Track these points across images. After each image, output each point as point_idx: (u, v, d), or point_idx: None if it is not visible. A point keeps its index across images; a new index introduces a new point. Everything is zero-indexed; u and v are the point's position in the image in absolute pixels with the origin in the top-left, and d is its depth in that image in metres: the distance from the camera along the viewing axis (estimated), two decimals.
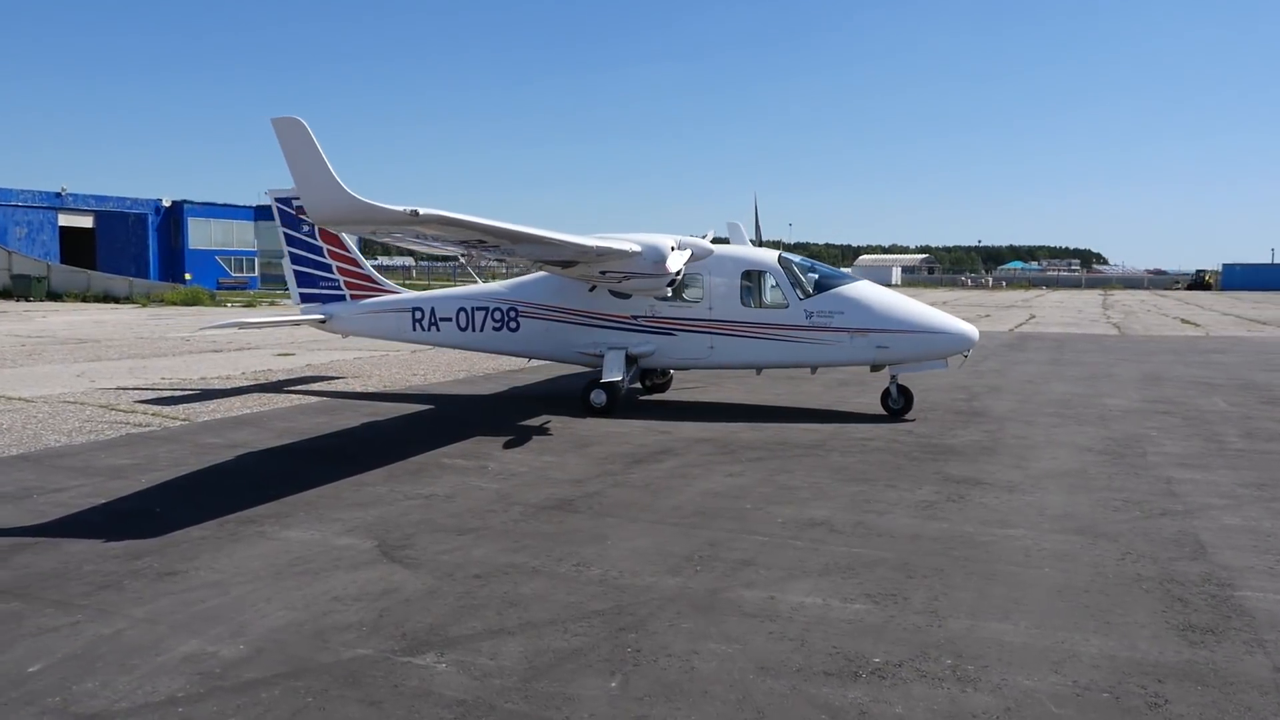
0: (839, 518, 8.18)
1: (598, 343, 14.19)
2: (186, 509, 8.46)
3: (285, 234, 16.88)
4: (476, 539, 7.57)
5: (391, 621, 5.80)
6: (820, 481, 9.55)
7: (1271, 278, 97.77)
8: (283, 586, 6.44)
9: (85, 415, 13.47)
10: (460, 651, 5.35)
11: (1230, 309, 51.71)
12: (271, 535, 7.65)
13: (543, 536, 7.62)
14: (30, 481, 9.47)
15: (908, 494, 9.04)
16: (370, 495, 8.99)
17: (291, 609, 6.02)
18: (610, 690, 4.88)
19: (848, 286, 13.54)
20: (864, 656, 5.31)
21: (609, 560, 7.01)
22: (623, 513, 8.36)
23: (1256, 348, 25.98)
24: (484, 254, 12.15)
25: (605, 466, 10.28)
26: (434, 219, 7.94)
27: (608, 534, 7.69)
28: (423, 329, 15.64)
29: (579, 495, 8.98)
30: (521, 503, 8.72)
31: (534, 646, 5.43)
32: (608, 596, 6.26)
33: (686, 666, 5.16)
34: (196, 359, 21.65)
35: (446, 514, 8.32)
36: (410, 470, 10.07)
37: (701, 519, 8.15)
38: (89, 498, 8.84)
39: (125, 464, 10.32)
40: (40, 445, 11.32)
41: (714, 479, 9.69)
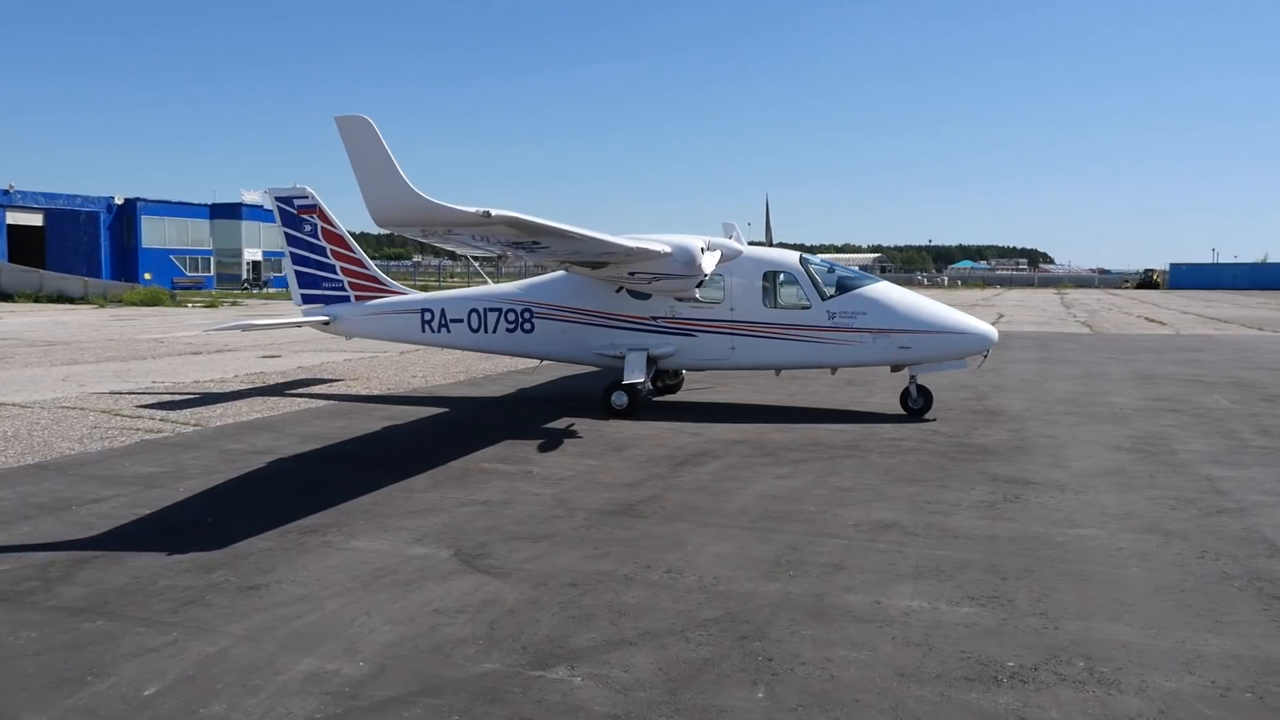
0: (907, 520, 8.18)
1: (617, 344, 14.07)
2: (240, 519, 8.20)
3: (286, 234, 16.48)
4: (554, 546, 7.43)
5: (505, 634, 5.66)
6: (871, 483, 9.55)
7: (1216, 277, 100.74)
8: (377, 600, 6.25)
9: (91, 421, 13.02)
10: (590, 664, 5.23)
11: (1187, 307, 53.12)
12: (340, 545, 7.44)
13: (620, 543, 7.51)
14: (63, 491, 9.11)
15: (963, 495, 9.08)
16: (424, 502, 8.79)
17: (396, 623, 5.84)
18: (760, 700, 4.81)
19: (869, 287, 13.60)
20: (996, 661, 5.29)
21: (698, 566, 6.93)
22: (689, 517, 8.27)
23: (1232, 346, 26.67)
24: (520, 254, 11.92)
25: (650, 470, 10.19)
26: (504, 220, 7.77)
27: (684, 539, 7.60)
28: (432, 330, 15.38)
29: (638, 500, 8.87)
30: (583, 508, 8.59)
31: (663, 657, 5.33)
32: (714, 604, 6.17)
33: (826, 675, 5.10)
34: (180, 361, 21.09)
35: (511, 520, 8.16)
36: (453, 475, 9.88)
37: (771, 523, 8.10)
38: (132, 508, 8.52)
39: (155, 472, 9.98)
40: (56, 453, 10.91)
41: (765, 482, 9.64)
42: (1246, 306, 55.03)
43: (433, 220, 7.73)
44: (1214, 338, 29.59)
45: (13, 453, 10.91)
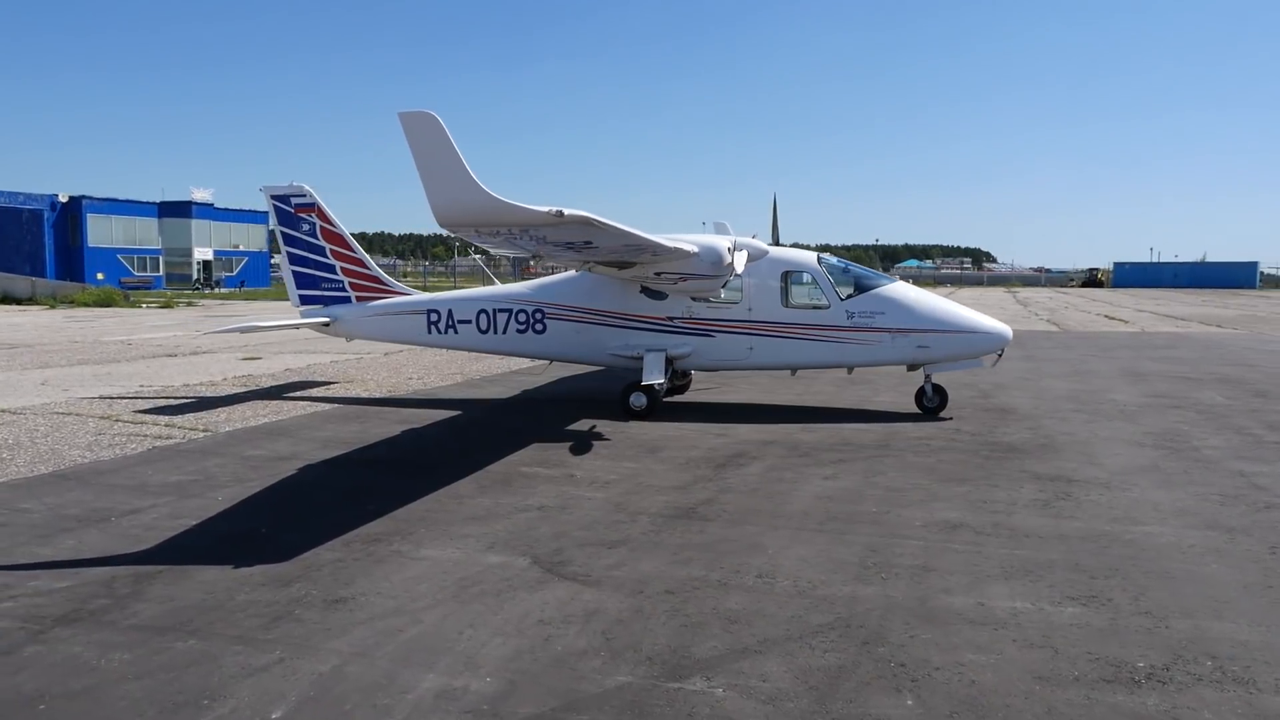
0: (972, 519, 8.19)
1: (634, 344, 13.94)
2: (294, 529, 7.92)
3: (283, 233, 16.05)
4: (631, 553, 7.29)
5: (624, 645, 5.51)
6: (920, 483, 9.56)
7: (1157, 275, 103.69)
8: (474, 611, 6.05)
9: (92, 428, 12.51)
10: (725, 674, 5.11)
11: (1140, 305, 54.54)
12: (411, 555, 7.21)
13: (697, 548, 7.39)
14: (94, 502, 8.71)
15: (1014, 493, 9.13)
16: (478, 508, 8.58)
17: (505, 635, 5.66)
18: (912, 708, 4.74)
19: (887, 287, 13.65)
20: (1125, 662, 5.29)
21: (786, 570, 6.84)
22: (754, 520, 8.19)
23: (1202, 344, 27.38)
24: (566, 255, 11.65)
25: (693, 472, 10.08)
26: (577, 219, 7.59)
27: (759, 543, 7.51)
28: (439, 331, 15.10)
29: (695, 503, 8.76)
30: (643, 512, 8.45)
31: (795, 665, 5.23)
32: (820, 609, 6.09)
33: (965, 680, 5.05)
34: (158, 364, 20.44)
35: (576, 526, 8.00)
36: (496, 480, 9.67)
37: (839, 524, 8.05)
38: (175, 519, 8.18)
39: (183, 480, 9.61)
40: (68, 461, 10.45)
41: (813, 483, 9.60)
42: (1195, 304, 56.70)
43: (502, 220, 7.51)
44: (1182, 335, 30.36)
45: (22, 461, 10.43)
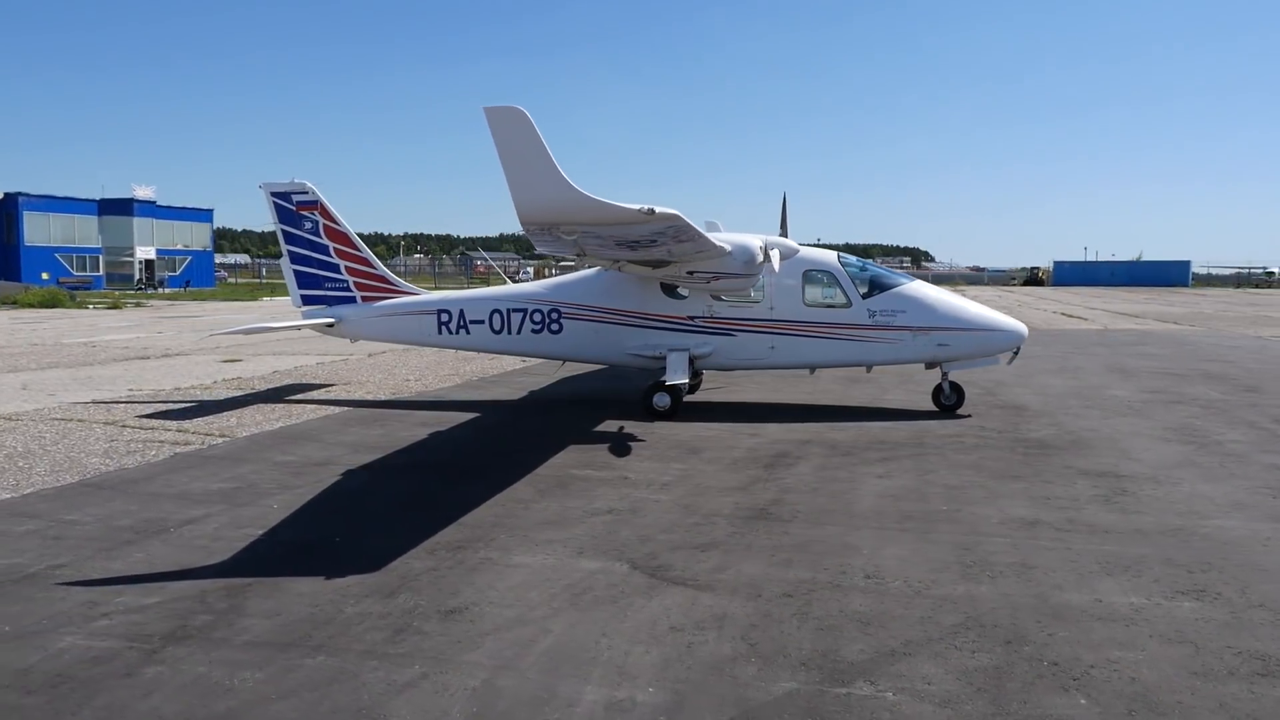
0: (1045, 516, 8.27)
1: (655, 344, 13.84)
2: (367, 537, 7.69)
3: (284, 231, 15.58)
4: (726, 555, 7.20)
5: (771, 650, 5.42)
6: (974, 480, 9.63)
7: (1095, 274, 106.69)
8: (599, 618, 5.91)
9: (101, 434, 12.00)
10: (886, 678, 5.06)
11: (1089, 304, 56.03)
12: (503, 561, 7.03)
13: (792, 549, 7.33)
14: (142, 512, 8.33)
15: (1071, 489, 9.24)
16: (547, 512, 8.40)
17: (644, 643, 5.53)
18: (1086, 707, 4.73)
19: (907, 285, 13.76)
20: (1268, 654, 5.37)
21: (891, 570, 6.82)
22: (831, 520, 8.16)
23: (1170, 340, 28.20)
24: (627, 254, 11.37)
25: (744, 472, 10.02)
26: (666, 217, 7.45)
27: (850, 543, 7.48)
28: (449, 332, 14.81)
29: (764, 504, 8.70)
30: (717, 514, 8.36)
31: (950, 667, 5.20)
32: (945, 609, 6.07)
33: (1126, 677, 5.07)
34: (136, 367, 19.72)
35: (657, 529, 7.88)
36: (552, 484, 9.49)
37: (919, 523, 8.06)
38: (238, 528, 7.86)
39: (225, 488, 9.25)
40: (92, 470, 10.00)
41: (869, 482, 9.61)
42: (1141, 302, 58.47)
43: (590, 217, 7.33)
44: (1146, 333, 31.21)
45: (42, 471, 9.95)
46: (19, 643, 5.52)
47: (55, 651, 5.40)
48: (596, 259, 11.50)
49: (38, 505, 8.60)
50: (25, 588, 6.44)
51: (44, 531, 7.78)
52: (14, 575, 6.69)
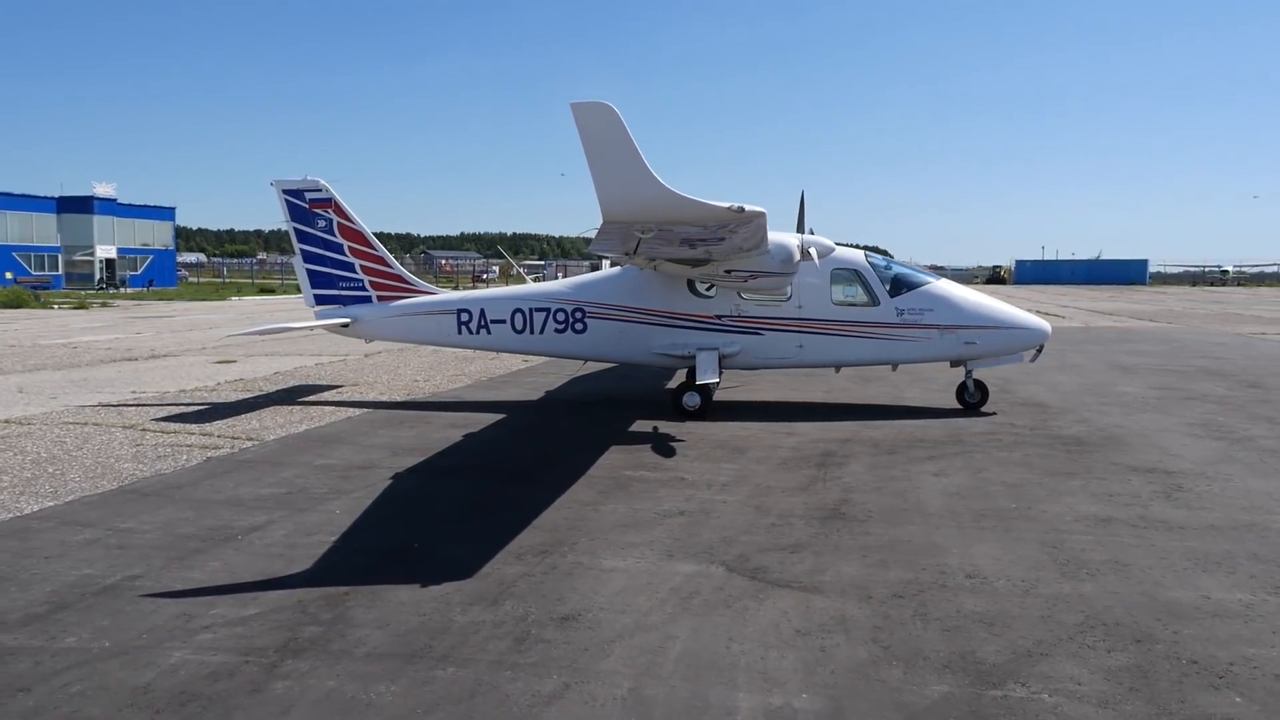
0: (1114, 513, 8.31)
1: (681, 344, 13.75)
2: (446, 543, 7.52)
3: (296, 230, 15.23)
4: (818, 556, 7.13)
5: (906, 652, 5.36)
6: (1029, 478, 9.66)
7: (1056, 272, 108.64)
8: (719, 623, 5.81)
9: (123, 439, 11.63)
10: (1036, 679, 5.02)
11: (1057, 301, 56.96)
12: (595, 566, 6.89)
13: (881, 549, 7.28)
14: (200, 520, 8.06)
15: (1127, 486, 9.31)
16: (618, 515, 8.27)
17: (774, 647, 5.44)
18: (1243, 705, 4.73)
19: (934, 284, 13.81)
20: None
21: (989, 569, 6.79)
22: (909, 519, 8.12)
23: (1152, 338, 28.72)
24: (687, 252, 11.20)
25: (799, 472, 9.96)
26: (754, 215, 7.35)
27: (937, 542, 7.45)
28: (470, 332, 14.59)
29: (833, 504, 8.65)
30: (790, 515, 8.29)
31: (1093, 666, 5.18)
32: (1061, 607, 6.05)
33: (1269, 674, 5.09)
34: (131, 369, 19.19)
35: (737, 530, 7.79)
36: (609, 486, 9.36)
37: (996, 521, 8.05)
38: (309, 534, 7.63)
39: (277, 493, 9.00)
40: (128, 476, 9.68)
41: (926, 480, 9.60)
42: (1105, 300, 59.56)
43: (677, 215, 7.20)
44: (1127, 330, 31.75)
45: (76, 477, 9.60)
46: (126, 659, 5.29)
47: (169, 668, 5.17)
48: (648, 257, 11.35)
49: (86, 513, 8.29)
50: (109, 600, 6.19)
51: (104, 540, 7.49)
52: (91, 587, 6.43)
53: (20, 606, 6.07)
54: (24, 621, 5.82)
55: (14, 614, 5.94)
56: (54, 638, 5.57)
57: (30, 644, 5.48)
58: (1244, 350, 23.90)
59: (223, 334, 28.75)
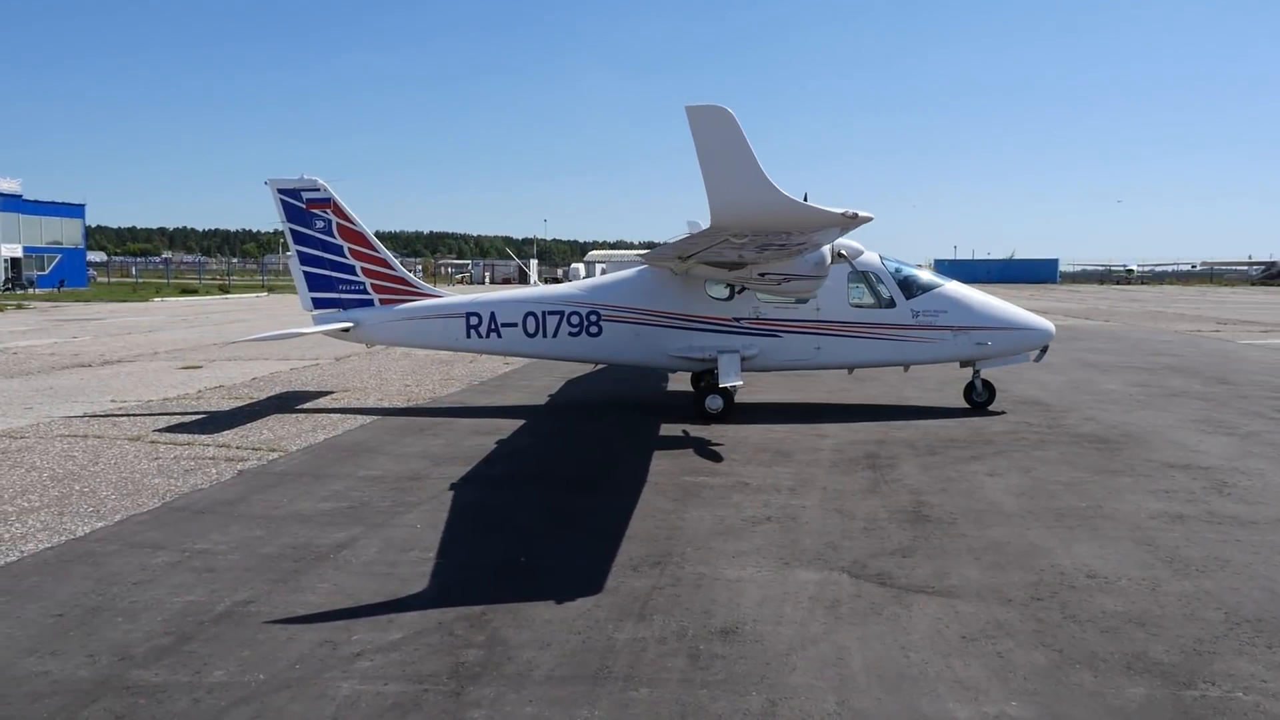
0: (1181, 509, 8.57)
1: (702, 346, 13.71)
2: (549, 556, 7.34)
3: (293, 230, 14.65)
4: (933, 560, 7.16)
5: (1080, 655, 5.42)
6: (1080, 476, 9.90)
7: (972, 272, 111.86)
8: (879, 631, 5.78)
9: (135, 451, 11.03)
10: (1219, 679, 5.12)
11: None
12: (720, 576, 6.79)
13: (987, 551, 7.36)
14: (276, 538, 7.68)
15: (1175, 482, 9.61)
16: (706, 523, 8.17)
17: (951, 654, 5.44)
18: None
19: (947, 285, 14.07)
20: None
21: (1101, 569, 6.92)
22: (990, 521, 8.23)
23: (1101, 335, 29.85)
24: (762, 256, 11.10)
25: (854, 474, 10.00)
26: (863, 220, 7.33)
27: (1036, 543, 7.56)
28: (479, 336, 14.28)
29: (908, 506, 8.71)
30: (875, 518, 8.31)
31: (1266, 663, 5.32)
32: (1200, 604, 6.20)
33: None
34: (93, 376, 18.21)
35: (836, 536, 7.78)
36: (679, 492, 9.24)
37: (1078, 520, 8.21)
38: (401, 551, 7.34)
39: (338, 508, 8.64)
40: (165, 493, 9.17)
41: (982, 479, 9.76)
42: (1026, 299, 61.60)
43: (791, 221, 7.12)
44: (1076, 328, 32.78)
45: (110, 495, 9.05)
46: (292, 693, 4.98)
47: (345, 700, 4.90)
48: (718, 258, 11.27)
49: (147, 534, 7.81)
50: (233, 628, 5.83)
51: (186, 563, 7.07)
52: (205, 615, 6.05)
53: (140, 639, 5.67)
54: (155, 655, 5.44)
55: (138, 647, 5.55)
56: (198, 672, 5.22)
57: (177, 679, 5.12)
58: (1193, 348, 25.03)
59: (167, 336, 27.59)
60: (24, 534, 7.77)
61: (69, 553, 7.30)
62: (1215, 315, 40.77)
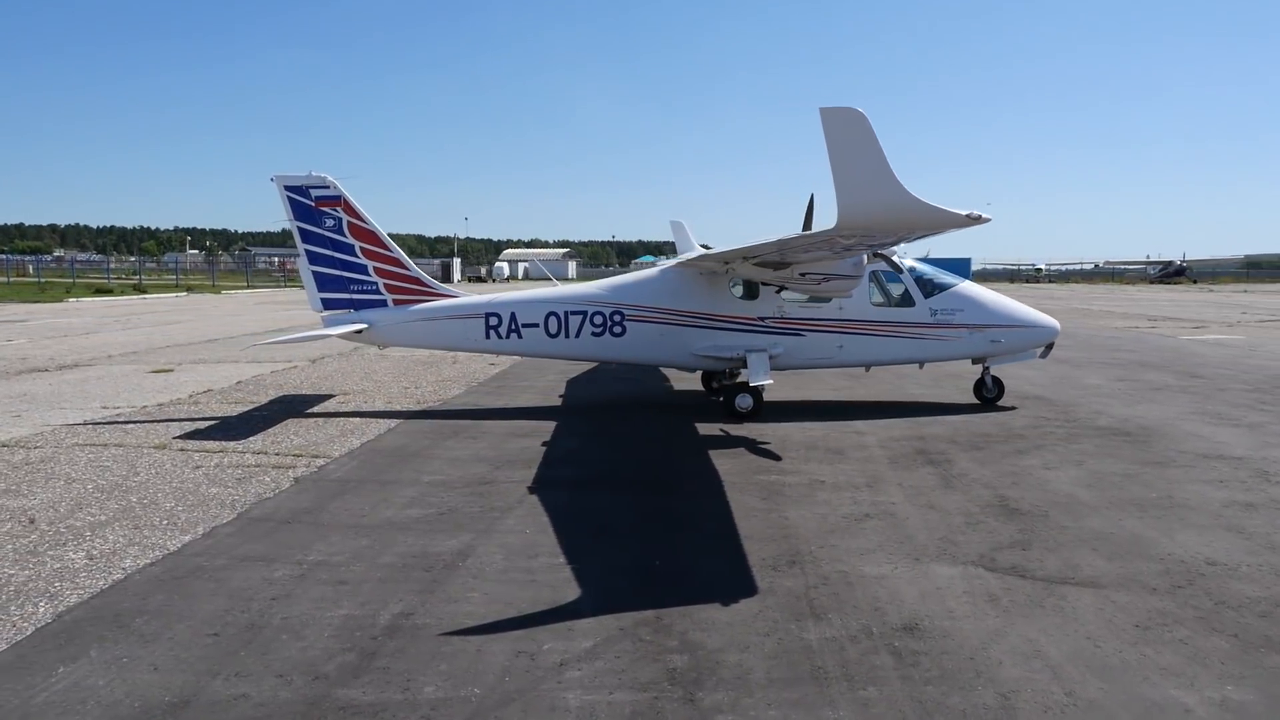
0: (1250, 499, 8.97)
1: (729, 346, 13.77)
2: (680, 558, 7.31)
3: (300, 229, 14.14)
4: (1051, 552, 7.34)
5: (1256, 640, 5.65)
6: (1132, 468, 10.27)
7: None
8: (1053, 624, 5.91)
9: (173, 460, 10.52)
10: None
11: None
12: (862, 573, 6.85)
13: (1095, 541, 7.59)
14: (393, 549, 7.43)
15: (1224, 473, 10.04)
16: (810, 522, 8.22)
17: (1140, 644, 5.61)
18: None
19: (962, 285, 14.43)
20: None
21: (1223, 557, 7.18)
22: (1081, 512, 8.48)
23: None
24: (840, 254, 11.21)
25: (917, 470, 10.18)
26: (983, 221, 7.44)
27: (1141, 534, 7.82)
28: (499, 336, 14.04)
29: (993, 501, 8.89)
30: (969, 514, 8.47)
31: None
32: None
33: None
34: (58, 380, 17.27)
35: (942, 530, 7.92)
36: (764, 491, 9.26)
37: (1163, 511, 8.52)
38: (529, 558, 7.18)
39: (428, 515, 8.41)
40: (235, 502, 8.79)
41: (1042, 472, 10.04)
42: None
43: (920, 221, 7.20)
44: None
45: (176, 507, 8.61)
46: (521, 705, 4.84)
47: (581, 710, 4.78)
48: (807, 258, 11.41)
49: (246, 546, 7.46)
50: (412, 641, 5.62)
51: (311, 575, 6.79)
52: (370, 628, 5.82)
53: (321, 656, 5.42)
54: (350, 672, 5.21)
55: (325, 665, 5.30)
56: (406, 689, 5.02)
57: (391, 697, 4.92)
58: (1143, 344, 26.21)
59: (111, 339, 26.30)
60: (113, 550, 7.34)
61: (176, 568, 6.92)
62: (1141, 312, 42.79)
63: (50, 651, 5.48)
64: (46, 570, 6.85)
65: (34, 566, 6.93)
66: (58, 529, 7.90)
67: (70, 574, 6.77)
